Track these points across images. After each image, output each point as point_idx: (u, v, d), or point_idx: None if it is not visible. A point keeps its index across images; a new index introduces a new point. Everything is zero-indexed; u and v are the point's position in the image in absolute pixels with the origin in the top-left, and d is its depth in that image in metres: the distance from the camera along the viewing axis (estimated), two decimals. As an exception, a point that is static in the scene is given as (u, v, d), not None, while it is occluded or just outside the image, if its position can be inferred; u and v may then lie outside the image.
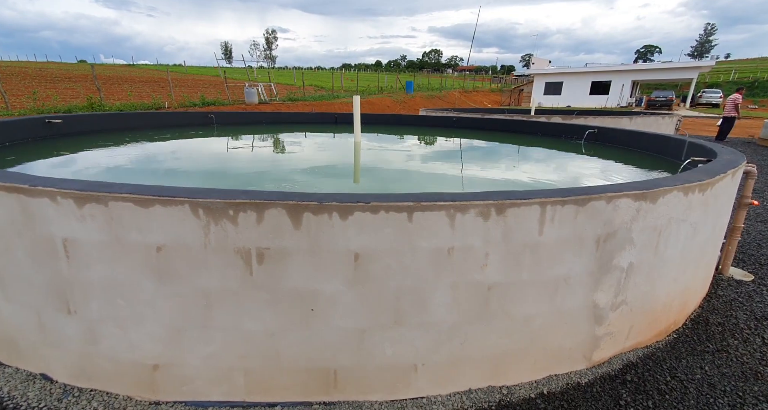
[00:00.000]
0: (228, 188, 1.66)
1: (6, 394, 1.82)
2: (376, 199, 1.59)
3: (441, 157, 5.65)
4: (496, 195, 1.67)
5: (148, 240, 1.60)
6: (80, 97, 17.44)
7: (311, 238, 1.59)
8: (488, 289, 1.74)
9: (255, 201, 1.54)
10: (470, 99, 35.90)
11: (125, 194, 1.55)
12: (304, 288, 1.66)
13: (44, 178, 1.69)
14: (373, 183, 4.12)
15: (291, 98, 19.49)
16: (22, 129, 5.19)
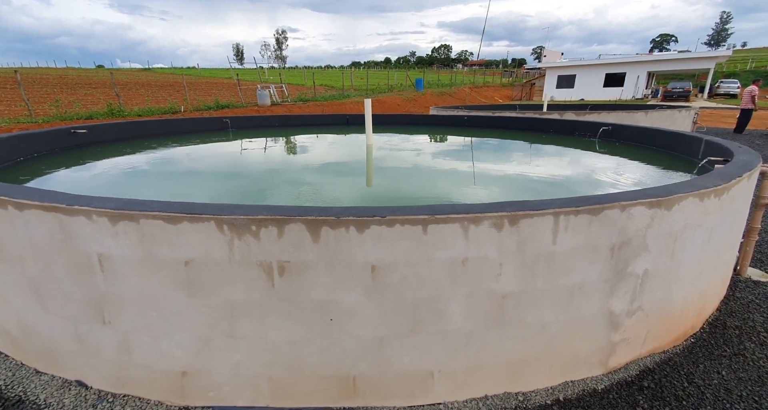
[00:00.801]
0: (250, 203, 1.74)
1: (43, 401, 1.94)
2: (392, 212, 1.64)
3: (453, 157, 5.66)
4: (509, 206, 1.70)
5: (177, 255, 1.69)
6: (100, 103, 17.93)
7: (330, 251, 1.66)
8: (503, 298, 1.78)
9: (276, 216, 1.61)
10: (481, 94, 35.61)
11: (155, 212, 1.64)
12: (324, 299, 1.73)
13: (81, 197, 1.79)
14: (386, 186, 4.18)
15: (302, 99, 19.65)
16: (50, 140, 5.41)
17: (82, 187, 3.89)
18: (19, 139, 4.78)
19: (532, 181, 4.10)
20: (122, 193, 3.70)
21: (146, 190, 3.86)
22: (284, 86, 20.07)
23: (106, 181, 4.17)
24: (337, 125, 8.27)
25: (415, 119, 9.43)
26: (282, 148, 6.71)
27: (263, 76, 25.57)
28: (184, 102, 17.14)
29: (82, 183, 4.04)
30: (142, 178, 4.34)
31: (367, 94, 24.20)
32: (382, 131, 8.21)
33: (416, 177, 4.43)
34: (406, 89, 28.96)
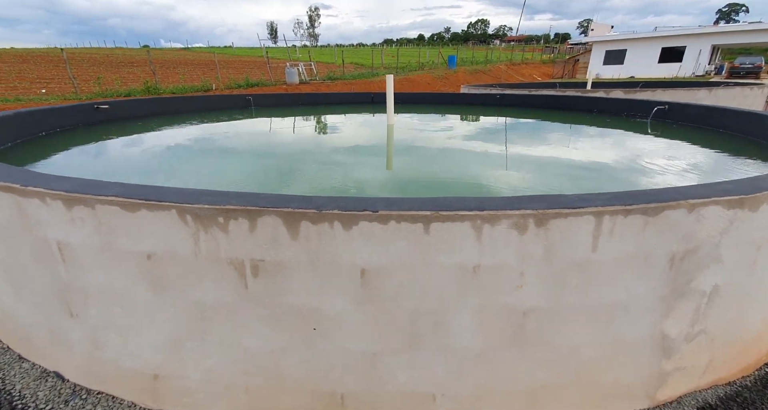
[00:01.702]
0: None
1: (18, 392, 1.83)
2: (386, 206, 1.32)
3: (482, 139, 5.18)
4: (536, 202, 1.33)
5: (137, 247, 1.46)
6: (139, 81, 18.46)
7: (311, 250, 1.37)
8: (524, 314, 1.43)
9: (246, 207, 1.33)
10: (518, 72, 33.63)
11: (111, 197, 1.40)
12: (305, 305, 1.45)
13: (38, 176, 1.60)
14: (405, 169, 3.83)
15: (331, 77, 19.28)
16: (73, 115, 5.43)
17: (97, 163, 3.81)
18: (42, 114, 4.79)
19: (571, 168, 3.60)
20: (134, 171, 3.58)
21: (157, 167, 3.73)
22: (313, 64, 19.73)
23: (122, 157, 4.09)
24: (362, 104, 7.89)
25: (443, 98, 8.86)
26: (302, 126, 6.45)
27: (293, 55, 25.25)
28: (216, 80, 17.27)
29: (98, 159, 3.97)
30: (157, 154, 4.22)
31: (396, 72, 23.42)
32: (408, 110, 7.74)
33: (440, 160, 4.04)
34: (437, 67, 27.74)
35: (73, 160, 3.84)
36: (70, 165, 3.64)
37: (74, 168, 3.56)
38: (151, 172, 3.57)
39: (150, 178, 3.35)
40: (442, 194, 2.93)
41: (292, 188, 3.15)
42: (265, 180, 3.32)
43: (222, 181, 3.25)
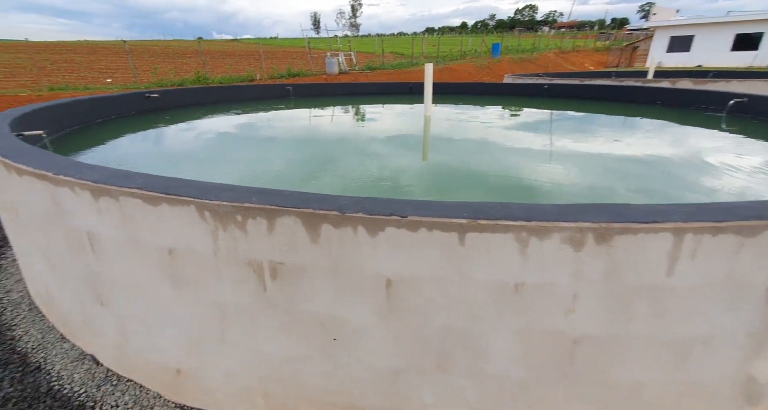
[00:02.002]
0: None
1: (56, 373, 1.90)
2: (416, 210, 1.16)
3: (527, 133, 4.83)
4: (596, 212, 1.11)
5: (159, 241, 1.42)
6: (191, 71, 19.37)
7: (332, 256, 1.25)
8: (574, 342, 1.23)
9: (265, 206, 1.23)
10: (568, 60, 31.58)
11: (134, 189, 1.36)
12: (326, 313, 1.34)
13: (69, 164, 1.59)
14: (443, 162, 3.63)
15: (370, 67, 19.12)
16: (126, 104, 5.70)
17: (141, 150, 3.96)
18: (98, 102, 5.06)
19: (633, 169, 3.23)
20: (174, 158, 3.67)
21: (195, 154, 3.80)
22: (353, 54, 19.64)
23: (165, 145, 4.22)
24: (399, 94, 7.69)
25: (485, 88, 8.43)
26: (338, 116, 6.38)
27: (334, 45, 25.32)
28: (260, 70, 17.70)
29: (142, 146, 4.12)
30: (197, 142, 4.32)
31: (437, 61, 22.76)
32: (446, 101, 7.44)
33: (479, 155, 3.79)
34: (480, 56, 26.61)
35: (119, 147, 4.01)
36: (115, 152, 3.79)
37: (118, 155, 3.70)
38: (188, 160, 3.64)
39: (186, 166, 3.41)
40: (479, 193, 2.72)
41: (322, 180, 3.06)
42: (296, 170, 3.27)
43: (256, 171, 3.24)
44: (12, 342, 2.16)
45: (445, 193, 2.81)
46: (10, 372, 1.93)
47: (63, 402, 1.75)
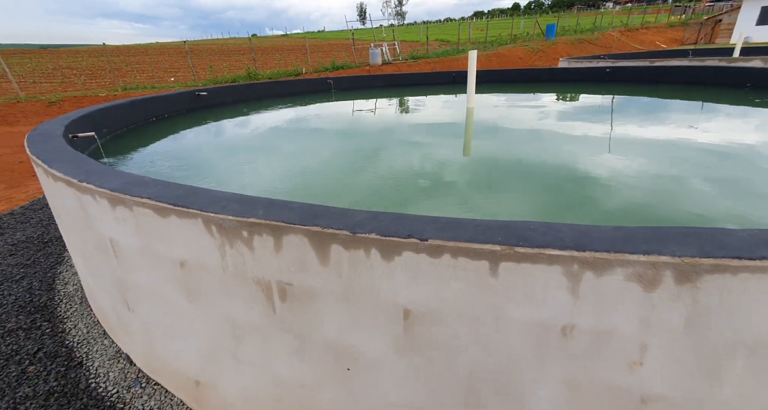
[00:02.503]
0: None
1: (94, 370, 1.97)
2: (439, 232, 0.97)
3: (583, 126, 4.33)
4: (675, 240, 0.85)
5: (171, 253, 1.36)
6: (243, 68, 20.26)
7: (343, 280, 1.10)
8: (642, 402, 0.98)
9: (270, 222, 1.10)
10: (635, 39, 28.53)
11: (145, 199, 1.30)
12: (338, 340, 1.20)
13: (94, 170, 1.59)
14: (484, 159, 3.35)
15: (414, 56, 18.67)
16: (177, 101, 5.98)
17: (185, 149, 4.09)
18: (151, 102, 5.34)
19: (723, 173, 2.72)
20: (215, 157, 3.74)
21: (236, 152, 3.85)
22: (397, 44, 19.27)
23: (213, 141, 4.34)
24: (442, 84, 7.32)
25: (536, 74, 7.77)
26: (376, 110, 6.21)
27: (379, 35, 25.01)
28: (305, 64, 18.02)
29: (191, 143, 4.27)
30: (239, 139, 4.39)
31: (485, 46, 21.63)
32: (493, 90, 6.95)
33: (526, 151, 3.44)
34: (532, 39, 24.83)
35: (168, 145, 4.17)
36: (163, 150, 3.94)
37: (165, 153, 3.84)
38: (231, 156, 3.69)
39: (228, 162, 3.45)
40: (524, 199, 2.41)
41: (355, 176, 2.93)
42: (332, 165, 3.17)
43: (293, 166, 3.19)
44: (62, 335, 2.29)
45: (485, 195, 2.55)
46: (57, 366, 2.04)
47: (97, 401, 1.81)
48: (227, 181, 3.04)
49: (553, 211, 2.24)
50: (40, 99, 12.78)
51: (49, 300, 2.63)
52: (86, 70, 22.36)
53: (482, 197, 2.50)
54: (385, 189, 2.74)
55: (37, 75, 20.27)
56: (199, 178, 3.14)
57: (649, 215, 2.16)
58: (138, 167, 3.32)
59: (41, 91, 15.10)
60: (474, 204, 2.39)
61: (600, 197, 2.35)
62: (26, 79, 18.51)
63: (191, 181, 3.08)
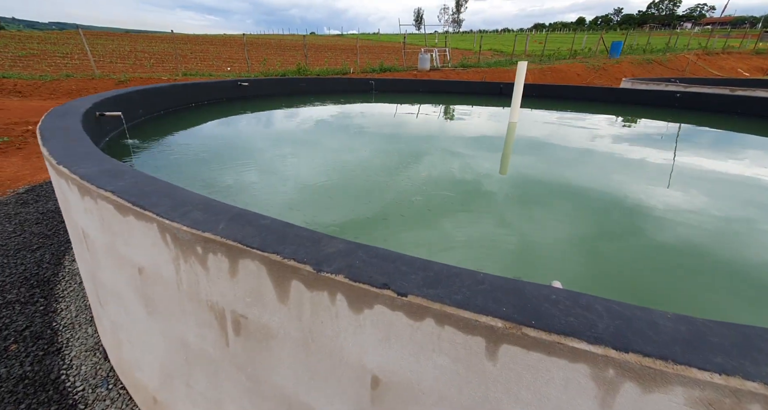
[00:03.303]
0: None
1: (68, 361, 1.88)
2: (428, 283, 0.72)
3: (640, 153, 3.85)
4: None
5: (131, 256, 1.20)
6: (294, 63, 20.77)
7: (303, 323, 0.87)
8: None
9: (227, 241, 0.90)
10: (714, 64, 26.25)
11: (107, 193, 1.15)
12: (293, 394, 0.98)
13: (74, 154, 1.47)
14: (521, 179, 3.02)
15: (464, 64, 18.24)
16: (219, 90, 6.06)
17: (215, 136, 4.06)
18: (193, 88, 5.43)
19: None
20: (245, 145, 3.67)
21: (263, 143, 3.77)
22: (447, 51, 18.92)
23: (241, 132, 4.30)
24: (488, 95, 6.94)
25: (593, 93, 7.18)
26: (415, 115, 5.96)
27: (431, 41, 24.71)
28: (354, 64, 18.11)
29: (222, 131, 4.25)
30: (273, 131, 4.32)
31: (540, 60, 20.74)
32: (541, 106, 6.48)
33: (568, 177, 3.07)
34: (594, 56, 23.48)
35: (198, 132, 4.16)
36: (190, 137, 3.93)
37: (193, 139, 3.81)
38: (257, 147, 3.60)
39: (252, 154, 3.35)
40: (554, 230, 2.06)
41: (378, 181, 2.70)
42: (354, 168, 2.97)
43: (317, 163, 3.03)
44: (52, 316, 2.24)
45: (512, 220, 2.23)
46: (37, 349, 1.98)
47: (60, 396, 1.70)
48: (246, 173, 2.93)
49: (587, 250, 1.90)
50: (111, 77, 13.70)
51: (53, 276, 2.62)
52: (156, 54, 23.85)
53: (509, 222, 2.20)
54: (406, 196, 2.50)
55: (115, 56, 21.85)
56: (217, 166, 3.05)
57: (706, 267, 1.77)
58: (157, 150, 3.29)
59: (114, 71, 16.22)
60: (497, 230, 2.10)
61: (647, 238, 1.98)
62: (104, 59, 19.99)
63: (209, 169, 3.01)
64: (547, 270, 1.76)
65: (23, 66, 15.45)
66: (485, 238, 2.01)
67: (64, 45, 23.57)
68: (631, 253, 1.92)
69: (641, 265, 1.82)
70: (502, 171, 3.27)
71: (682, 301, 1.59)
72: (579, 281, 1.69)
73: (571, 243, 1.98)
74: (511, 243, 1.97)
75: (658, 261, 1.85)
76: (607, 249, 1.95)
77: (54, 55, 19.50)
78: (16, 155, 5.42)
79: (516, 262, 1.83)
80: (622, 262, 1.85)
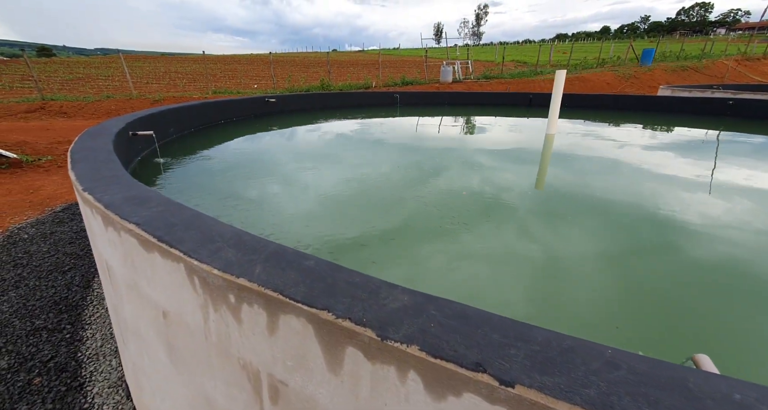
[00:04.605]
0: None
1: (91, 398, 1.75)
2: (544, 366, 0.51)
3: (691, 165, 3.50)
4: None
5: (156, 297, 1.05)
6: (318, 79, 21.24)
7: (360, 402, 0.68)
8: None
9: (264, 291, 0.73)
10: (756, 70, 24.87)
11: (132, 226, 1.01)
12: (344, 483, 0.78)
13: (102, 178, 1.37)
14: (561, 194, 2.76)
15: (486, 76, 18.03)
16: (247, 106, 6.12)
17: (246, 151, 4.02)
18: (222, 105, 5.48)
19: None
20: (273, 162, 3.59)
21: (292, 159, 3.68)
22: (470, 62, 18.79)
23: (272, 147, 4.24)
24: (516, 106, 6.67)
25: (629, 102, 6.78)
26: (442, 129, 5.77)
27: (453, 54, 24.70)
28: (376, 78, 18.28)
29: (256, 147, 4.20)
30: (300, 146, 4.24)
31: (567, 69, 20.24)
32: (573, 116, 6.15)
33: (611, 190, 2.79)
34: (624, 64, 22.69)
35: (226, 149, 4.13)
36: (219, 153, 3.89)
37: (220, 156, 3.77)
38: (284, 163, 3.50)
39: (280, 171, 3.25)
40: (609, 256, 1.79)
41: (408, 196, 2.51)
42: (380, 186, 2.80)
43: (347, 177, 2.88)
44: (78, 345, 2.15)
45: (554, 243, 1.98)
46: (60, 384, 1.87)
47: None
48: (275, 189, 2.82)
49: (642, 281, 1.63)
50: (147, 97, 14.37)
51: (81, 300, 2.55)
52: (189, 74, 25.01)
53: (549, 245, 1.95)
54: (436, 213, 2.30)
55: (151, 77, 23.05)
56: (245, 182, 2.96)
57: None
58: (187, 168, 3.24)
59: (150, 91, 17.04)
60: (542, 251, 1.85)
61: (718, 270, 1.68)
62: (142, 80, 21.11)
63: (237, 184, 2.93)
64: (601, 301, 1.50)
65: (69, 89, 16.49)
66: (531, 260, 1.78)
67: (107, 68, 25.08)
68: (700, 287, 1.64)
69: (712, 301, 1.54)
70: (538, 185, 3.03)
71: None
72: (651, 317, 1.43)
73: (618, 267, 1.72)
74: (562, 263, 1.73)
75: (727, 292, 1.56)
76: (659, 273, 1.68)
77: (97, 78, 20.73)
78: (57, 173, 5.60)
79: (568, 290, 1.59)
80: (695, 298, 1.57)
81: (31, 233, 3.41)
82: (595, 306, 1.55)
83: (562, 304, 1.56)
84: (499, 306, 1.54)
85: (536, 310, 1.53)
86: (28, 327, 2.25)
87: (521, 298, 1.58)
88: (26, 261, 2.94)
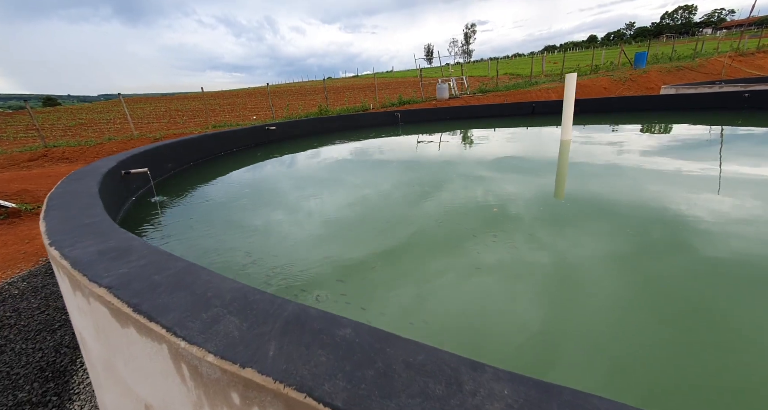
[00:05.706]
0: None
1: None
2: None
3: (711, 163, 3.24)
4: None
5: (134, 386, 0.78)
6: (315, 105, 21.52)
7: None
8: None
9: (283, 390, 0.47)
10: (751, 64, 24.93)
11: (101, 290, 0.76)
12: None
13: (65, 227, 1.13)
14: (583, 203, 2.49)
15: (482, 90, 18.16)
16: (248, 136, 5.98)
17: (246, 183, 3.81)
18: (222, 136, 5.33)
19: None
20: (274, 194, 3.36)
21: (293, 188, 3.45)
22: (465, 78, 18.98)
23: (272, 177, 4.04)
24: (521, 116, 6.50)
25: (635, 102, 6.59)
26: (449, 144, 5.58)
27: (446, 72, 25.10)
28: (373, 100, 18.44)
29: (259, 177, 4.00)
30: (302, 173, 4.03)
31: (560, 78, 20.41)
32: (579, 122, 5.95)
33: (636, 195, 2.52)
34: (618, 68, 22.93)
35: (226, 181, 3.92)
36: (219, 187, 3.68)
37: (220, 190, 3.55)
38: (286, 194, 3.27)
39: (282, 202, 3.01)
40: (640, 273, 1.50)
41: (421, 214, 2.25)
42: (390, 205, 2.54)
43: (351, 201, 2.63)
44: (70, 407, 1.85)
45: (580, 259, 1.69)
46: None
47: None
48: (280, 219, 2.58)
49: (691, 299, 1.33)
50: (148, 136, 14.49)
51: (70, 363, 2.26)
52: (189, 111, 25.48)
53: (571, 258, 1.66)
54: (455, 233, 2.03)
55: (152, 117, 23.48)
56: (248, 214, 2.72)
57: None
58: (185, 205, 3.02)
59: (151, 130, 17.23)
60: (570, 268, 1.57)
61: None
62: (143, 121, 21.48)
63: (239, 218, 2.69)
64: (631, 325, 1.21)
65: (72, 135, 16.71)
66: (551, 275, 1.50)
67: (108, 112, 25.67)
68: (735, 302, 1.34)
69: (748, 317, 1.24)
70: (557, 195, 2.77)
71: None
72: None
73: (651, 290, 1.43)
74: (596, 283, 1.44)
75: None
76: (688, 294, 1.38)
77: (99, 122, 21.13)
78: (55, 220, 5.42)
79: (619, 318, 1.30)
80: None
81: (22, 288, 3.17)
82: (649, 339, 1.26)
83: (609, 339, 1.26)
84: (520, 329, 1.25)
85: (573, 343, 1.24)
86: (10, 401, 1.97)
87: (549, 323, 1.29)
88: (14, 321, 2.68)
